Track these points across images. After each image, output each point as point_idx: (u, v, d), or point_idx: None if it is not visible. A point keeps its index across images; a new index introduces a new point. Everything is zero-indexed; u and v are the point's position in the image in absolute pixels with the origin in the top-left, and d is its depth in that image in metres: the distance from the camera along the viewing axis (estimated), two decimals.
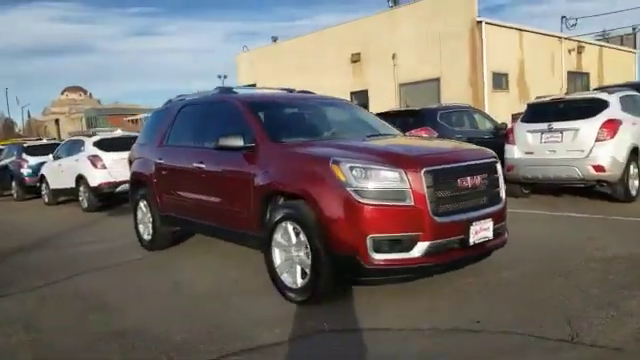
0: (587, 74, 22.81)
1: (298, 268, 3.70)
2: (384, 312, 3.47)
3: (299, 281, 3.68)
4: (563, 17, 21.71)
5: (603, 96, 7.21)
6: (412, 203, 3.29)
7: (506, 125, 9.42)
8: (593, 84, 21.33)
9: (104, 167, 9.87)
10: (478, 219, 3.53)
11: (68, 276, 5.04)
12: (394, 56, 19.24)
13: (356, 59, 20.86)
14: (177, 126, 5.59)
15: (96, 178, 9.84)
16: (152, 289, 4.50)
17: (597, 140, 6.77)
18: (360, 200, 3.28)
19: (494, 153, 3.99)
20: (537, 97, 8.31)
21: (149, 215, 5.86)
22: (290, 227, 3.70)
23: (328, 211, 3.36)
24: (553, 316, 3.20)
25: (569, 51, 21.42)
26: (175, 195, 5.30)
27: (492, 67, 17.12)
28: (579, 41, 21.97)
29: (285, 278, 3.81)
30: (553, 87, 18.20)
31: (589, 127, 6.84)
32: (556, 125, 7.08)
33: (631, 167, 7.02)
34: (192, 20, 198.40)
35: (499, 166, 3.92)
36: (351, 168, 3.35)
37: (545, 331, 3.01)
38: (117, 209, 10.02)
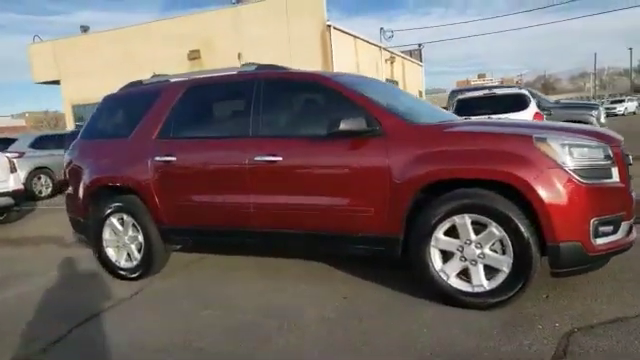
0: (397, 82, 25.72)
1: (479, 268, 3.15)
2: (617, 301, 3.15)
3: (485, 283, 3.13)
4: (381, 29, 24.03)
5: (525, 92, 8.14)
6: (618, 180, 3.11)
7: None
8: None
9: None
10: None
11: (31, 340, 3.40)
12: (239, 56, 18.53)
13: (195, 56, 19.47)
14: (189, 112, 4.29)
15: None
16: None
17: None
18: (581, 180, 2.96)
19: None
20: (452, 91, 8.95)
21: (133, 233, 4.37)
22: (468, 220, 3.13)
23: (544, 195, 2.93)
24: None
25: (385, 60, 23.86)
26: (201, 201, 4.03)
27: (341, 70, 17.88)
28: (392, 52, 24.66)
29: (454, 282, 3.21)
30: None
31: (523, 118, 7.62)
32: (494, 117, 7.71)
33: None
34: None
35: None
36: (563, 145, 3.00)
37: None
38: None
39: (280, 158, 3.66)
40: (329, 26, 17.21)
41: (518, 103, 7.83)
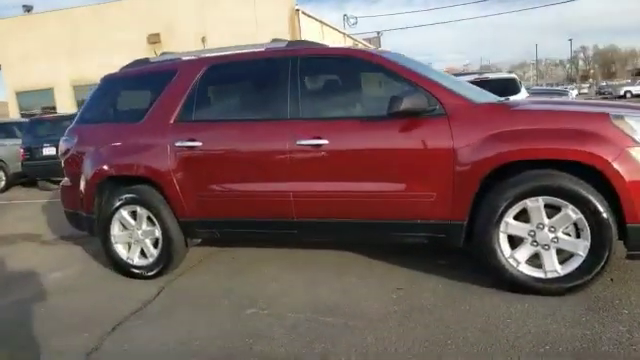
0: None
1: (552, 253, 3.01)
2: None
3: (558, 268, 2.99)
4: (345, 15, 23.81)
5: (515, 76, 8.15)
6: None
7: None
8: None
9: None
10: None
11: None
12: (204, 40, 17.83)
13: (155, 40, 18.58)
14: (213, 93, 3.92)
15: None
16: None
17: None
18: None
19: None
20: None
21: (148, 227, 3.97)
22: (542, 202, 2.97)
23: (626, 174, 2.80)
24: None
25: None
26: (231, 190, 3.69)
27: None
28: (354, 39, 24.52)
29: (524, 269, 3.06)
30: None
31: None
32: None
33: None
34: None
35: None
36: None
37: None
38: None
39: (326, 141, 3.36)
40: (297, 10, 16.81)
41: (510, 88, 7.82)
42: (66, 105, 19.33)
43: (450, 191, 3.11)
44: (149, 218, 3.98)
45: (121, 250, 4.12)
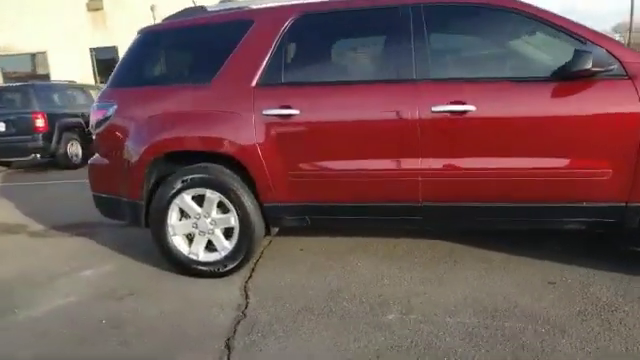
0: None
1: None
2: None
3: None
4: None
5: None
6: None
7: None
8: None
9: None
10: None
11: None
12: (152, 8, 16.32)
13: (96, 7, 16.78)
14: (308, 49, 3.21)
15: None
16: None
17: None
18: None
19: None
20: None
21: (219, 214, 3.23)
22: None
23: None
24: None
25: None
26: (339, 169, 3.02)
27: None
28: None
29: None
30: None
31: None
32: None
33: None
34: None
35: None
36: None
37: None
38: None
39: (472, 108, 2.79)
40: None
41: None
42: None
43: (632, 167, 2.66)
44: (221, 204, 3.23)
45: (180, 243, 3.33)
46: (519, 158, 2.79)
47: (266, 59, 3.12)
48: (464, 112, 2.79)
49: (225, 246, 3.26)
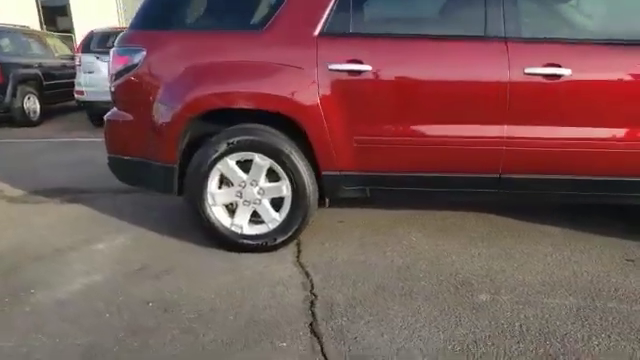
0: None
1: None
2: None
3: None
4: None
5: None
6: None
7: None
8: None
9: None
10: None
11: None
12: None
13: None
14: None
15: None
16: None
17: None
18: None
19: None
20: None
21: (267, 183, 2.86)
22: None
23: None
24: None
25: None
26: (413, 134, 2.72)
27: None
28: None
29: None
30: None
31: None
32: None
33: None
34: None
35: None
36: None
37: None
38: None
39: (568, 72, 2.54)
40: None
41: None
42: None
43: None
44: (271, 171, 2.85)
45: (221, 214, 2.94)
46: (614, 129, 2.60)
47: (331, 3, 2.72)
48: (559, 76, 2.54)
49: (274, 218, 2.90)
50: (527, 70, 2.55)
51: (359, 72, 2.66)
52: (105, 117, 3.14)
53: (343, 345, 2.06)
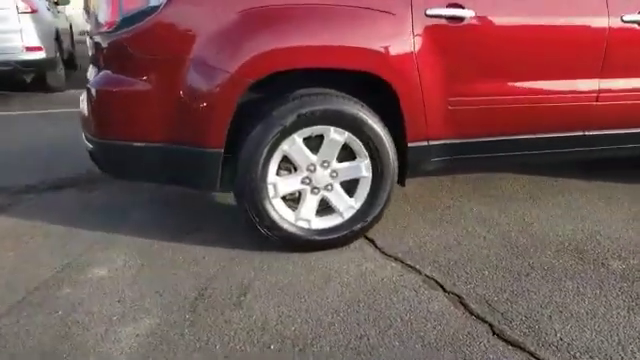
0: None
1: None
2: None
3: None
4: None
5: None
6: None
7: None
8: None
9: None
10: None
11: None
12: None
13: None
14: None
15: None
16: None
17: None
18: None
19: None
20: None
21: (342, 163, 2.28)
22: None
23: None
24: None
25: None
26: (510, 91, 2.39)
27: None
28: None
29: None
30: None
31: None
32: None
33: None
34: None
35: None
36: None
37: None
38: None
39: None
40: None
41: None
42: None
43: None
44: (346, 148, 2.26)
45: (284, 208, 2.27)
46: None
47: None
48: None
49: (350, 205, 2.33)
50: (625, 17, 2.37)
51: (460, 18, 2.19)
52: (89, 85, 2.17)
53: (558, 352, 1.69)
